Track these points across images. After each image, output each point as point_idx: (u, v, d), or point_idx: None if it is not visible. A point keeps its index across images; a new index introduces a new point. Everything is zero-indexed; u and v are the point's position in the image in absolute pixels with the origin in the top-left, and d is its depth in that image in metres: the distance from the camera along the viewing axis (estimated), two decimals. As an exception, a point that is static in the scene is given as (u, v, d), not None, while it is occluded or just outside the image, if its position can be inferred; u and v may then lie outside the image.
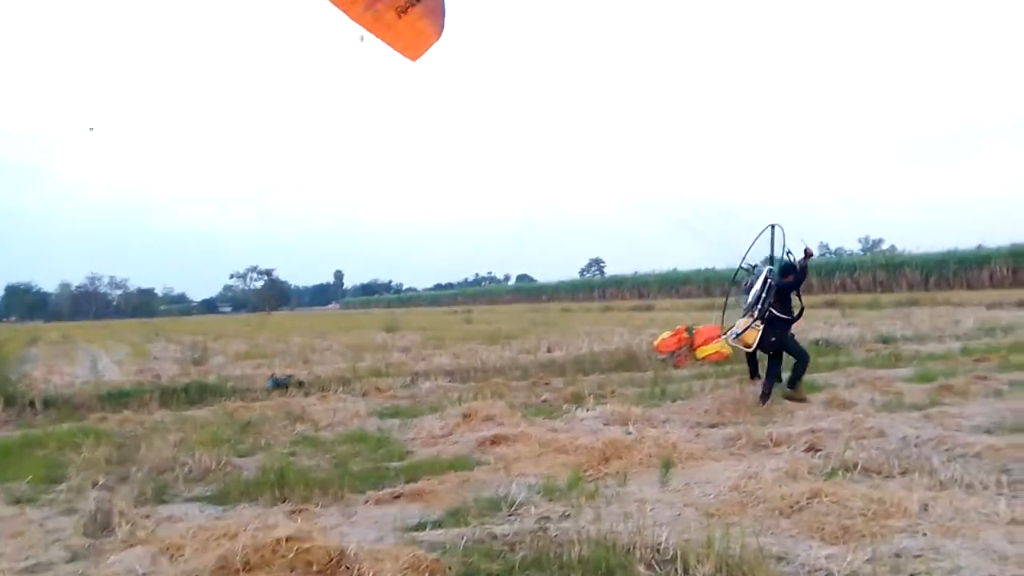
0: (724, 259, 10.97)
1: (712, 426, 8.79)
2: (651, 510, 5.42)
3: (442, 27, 6.91)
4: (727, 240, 10.53)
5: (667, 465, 6.67)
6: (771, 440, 7.58)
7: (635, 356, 16.71)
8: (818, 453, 7.03)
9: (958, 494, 5.49)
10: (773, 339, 10.05)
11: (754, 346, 10.13)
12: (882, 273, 64.42)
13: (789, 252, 10.21)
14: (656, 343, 16.91)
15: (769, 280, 9.94)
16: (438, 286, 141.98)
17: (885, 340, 18.62)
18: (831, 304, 40.49)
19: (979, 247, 62.38)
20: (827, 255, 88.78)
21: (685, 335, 16.63)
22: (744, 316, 10.31)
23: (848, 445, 7.06)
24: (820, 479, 6.05)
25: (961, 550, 4.38)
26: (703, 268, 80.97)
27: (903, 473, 6.22)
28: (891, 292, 53.22)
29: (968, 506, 5.16)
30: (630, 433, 8.21)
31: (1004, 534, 4.63)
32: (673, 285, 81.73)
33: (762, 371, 10.45)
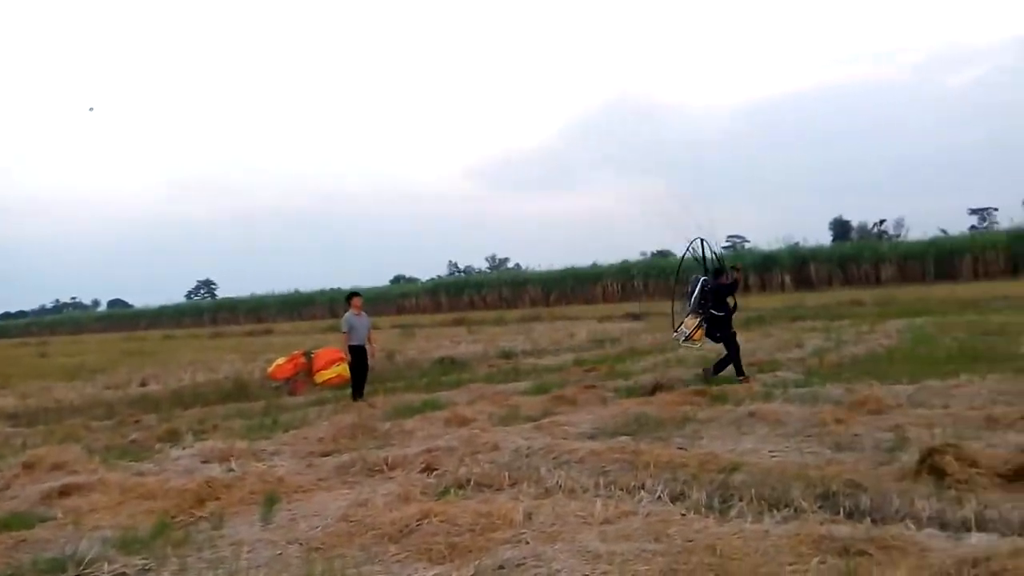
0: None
1: (326, 455, 8.81)
2: (248, 552, 5.31)
3: None
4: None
5: (271, 501, 6.55)
6: (387, 464, 7.79)
7: (246, 385, 16.46)
8: (433, 473, 7.39)
9: (561, 500, 6.10)
10: (718, 334, 12.89)
11: (700, 343, 13.10)
12: (507, 290, 70.36)
13: (719, 258, 13.67)
14: (270, 370, 16.72)
15: (706, 286, 12.89)
16: (6, 315, 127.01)
17: (507, 355, 20.39)
18: (459, 322, 43.23)
19: (593, 264, 70.92)
20: (455, 274, 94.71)
21: (303, 360, 16.67)
22: (688, 317, 13.15)
23: (463, 462, 7.52)
24: (432, 499, 6.35)
25: (559, 554, 4.83)
26: (328, 289, 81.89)
27: (513, 484, 6.78)
28: (516, 308, 58.14)
29: (568, 510, 5.73)
30: (232, 470, 7.96)
31: (598, 534, 5.20)
32: (295, 307, 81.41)
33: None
